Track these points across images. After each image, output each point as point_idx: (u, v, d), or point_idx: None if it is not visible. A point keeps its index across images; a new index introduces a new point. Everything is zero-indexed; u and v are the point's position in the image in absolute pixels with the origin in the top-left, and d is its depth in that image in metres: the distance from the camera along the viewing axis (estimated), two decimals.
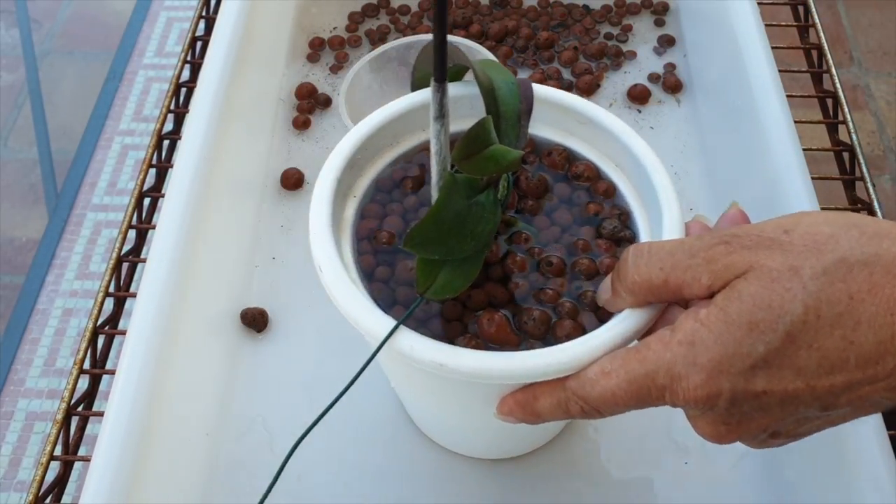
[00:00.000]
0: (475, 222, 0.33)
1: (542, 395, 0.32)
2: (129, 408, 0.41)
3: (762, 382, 0.27)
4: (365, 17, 0.68)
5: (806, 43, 0.65)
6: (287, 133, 0.61)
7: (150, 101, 1.53)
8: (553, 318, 0.34)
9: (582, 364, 0.31)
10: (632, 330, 0.31)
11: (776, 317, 0.26)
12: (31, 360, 1.22)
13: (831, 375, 0.27)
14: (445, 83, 0.32)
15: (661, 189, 0.36)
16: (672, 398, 0.29)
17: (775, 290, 0.27)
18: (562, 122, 0.40)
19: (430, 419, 0.45)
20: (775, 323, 0.26)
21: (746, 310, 0.27)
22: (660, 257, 0.30)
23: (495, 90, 0.37)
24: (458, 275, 0.33)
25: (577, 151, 0.40)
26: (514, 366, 0.31)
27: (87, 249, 1.34)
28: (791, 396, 0.27)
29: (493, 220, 0.34)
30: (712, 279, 0.28)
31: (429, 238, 0.32)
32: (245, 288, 0.52)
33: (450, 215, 0.33)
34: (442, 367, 0.31)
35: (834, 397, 0.27)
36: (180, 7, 1.69)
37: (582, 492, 0.44)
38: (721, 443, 0.30)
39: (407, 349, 0.32)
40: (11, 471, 1.12)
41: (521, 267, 0.36)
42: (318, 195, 0.37)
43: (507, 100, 0.36)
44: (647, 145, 0.37)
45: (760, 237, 0.28)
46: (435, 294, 0.33)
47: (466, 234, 0.33)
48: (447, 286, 0.33)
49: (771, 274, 0.27)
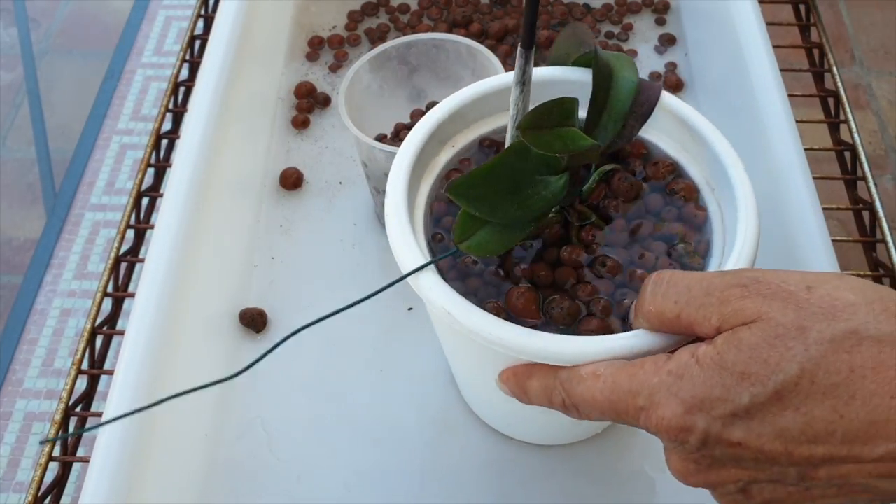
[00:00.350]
0: (530, 195, 0.33)
1: (535, 376, 0.32)
2: (128, 408, 0.41)
3: (739, 433, 0.26)
4: (364, 15, 0.68)
5: (807, 42, 0.65)
6: (286, 132, 0.61)
7: (148, 100, 1.53)
8: (583, 313, 0.34)
9: (576, 360, 0.31)
10: (640, 348, 0.31)
11: (770, 372, 0.26)
12: (29, 360, 1.22)
13: (813, 445, 0.26)
14: (532, 50, 0.33)
15: (741, 236, 0.34)
16: (646, 422, 0.28)
17: (776, 347, 0.26)
18: (679, 135, 0.39)
19: (476, 394, 0.45)
20: (767, 378, 0.26)
21: (742, 360, 0.26)
22: (677, 290, 0.29)
23: (612, 83, 0.36)
24: (497, 238, 0.34)
25: (685, 169, 0.39)
26: (510, 336, 0.32)
27: (86, 249, 1.34)
28: (767, 456, 0.26)
29: (552, 202, 0.34)
30: (721, 321, 0.28)
31: (473, 191, 0.33)
32: (244, 288, 0.52)
33: (503, 176, 0.33)
34: (449, 315, 0.32)
35: (812, 468, 0.26)
36: (179, 6, 1.68)
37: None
38: (688, 482, 0.29)
39: (425, 289, 0.33)
40: (10, 471, 1.12)
41: (577, 257, 0.36)
42: (412, 136, 0.38)
43: (620, 96, 0.36)
44: (752, 188, 0.36)
45: (780, 287, 0.27)
46: (468, 249, 0.34)
47: (515, 202, 0.33)
48: (482, 245, 0.33)
49: (777, 329, 0.26)
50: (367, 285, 0.52)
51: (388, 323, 0.51)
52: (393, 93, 0.55)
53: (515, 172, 0.33)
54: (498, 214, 0.33)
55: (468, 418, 0.47)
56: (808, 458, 0.26)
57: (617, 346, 0.31)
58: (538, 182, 0.34)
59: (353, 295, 0.53)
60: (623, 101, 0.36)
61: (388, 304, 0.51)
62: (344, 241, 0.54)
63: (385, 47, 0.52)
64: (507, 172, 0.33)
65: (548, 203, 0.34)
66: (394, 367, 0.49)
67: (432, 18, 0.67)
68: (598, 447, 0.46)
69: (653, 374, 0.28)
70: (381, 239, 0.55)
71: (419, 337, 0.50)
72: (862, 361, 0.25)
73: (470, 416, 0.47)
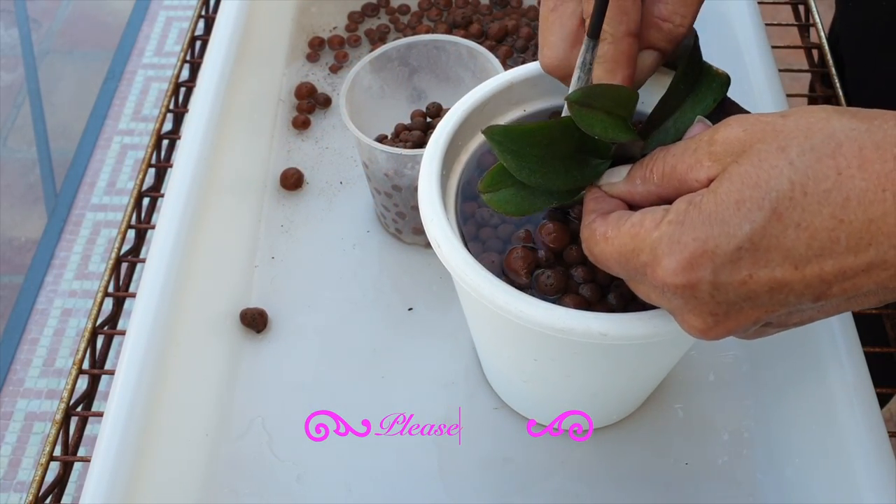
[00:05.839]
0: (558, 170, 0.33)
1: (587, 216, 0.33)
2: (129, 408, 0.41)
3: (747, 266, 0.26)
4: (365, 16, 0.68)
5: (807, 42, 0.65)
6: (287, 133, 0.61)
7: (149, 100, 1.53)
8: (569, 291, 0.35)
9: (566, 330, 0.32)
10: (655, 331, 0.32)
11: (763, 194, 0.26)
12: (31, 360, 1.22)
13: (821, 259, 0.26)
14: (597, 40, 0.33)
15: None
16: (652, 277, 0.28)
17: (762, 168, 0.26)
18: None
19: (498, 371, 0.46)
20: (762, 200, 0.26)
21: (735, 188, 0.26)
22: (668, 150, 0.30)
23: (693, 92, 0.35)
24: (520, 200, 0.34)
25: None
26: (503, 298, 0.33)
27: (87, 249, 1.34)
28: (779, 284, 0.26)
29: (582, 184, 0.34)
30: (712, 160, 0.28)
31: (509, 142, 0.32)
32: (244, 288, 0.52)
33: (542, 142, 0.33)
34: (439, 248, 0.34)
35: (826, 286, 0.26)
36: (179, 6, 1.69)
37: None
38: (708, 337, 0.29)
39: (441, 239, 0.35)
40: (11, 471, 1.12)
41: None
42: (452, 113, 0.39)
43: (696, 108, 0.34)
44: None
45: (758, 119, 0.28)
46: (489, 201, 0.34)
47: (539, 170, 0.33)
48: (504, 201, 0.34)
49: (760, 154, 0.26)
50: (368, 285, 0.53)
51: (388, 323, 0.51)
52: (393, 94, 0.55)
53: (555, 143, 0.33)
54: (524, 174, 0.33)
55: (468, 418, 0.47)
56: (819, 277, 0.26)
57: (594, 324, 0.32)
58: (579, 160, 0.34)
59: (353, 295, 0.53)
60: (696, 114, 0.34)
61: (388, 304, 0.51)
62: (344, 242, 0.55)
63: (386, 49, 0.52)
64: (547, 140, 0.33)
65: (578, 183, 0.34)
66: (394, 368, 0.49)
67: (432, 20, 0.67)
68: (613, 439, 0.46)
69: (653, 228, 0.28)
70: (382, 239, 0.55)
71: (419, 337, 0.50)
72: (847, 162, 0.25)
73: (470, 416, 0.47)
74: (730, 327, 0.29)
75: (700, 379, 0.48)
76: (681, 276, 0.27)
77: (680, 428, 0.46)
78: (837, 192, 0.25)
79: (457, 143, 0.39)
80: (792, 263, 0.26)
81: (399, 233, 0.54)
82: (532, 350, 0.38)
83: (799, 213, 0.26)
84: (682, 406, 0.47)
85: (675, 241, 0.27)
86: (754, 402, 0.47)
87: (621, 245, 0.29)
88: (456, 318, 0.50)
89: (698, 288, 0.27)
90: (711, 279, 0.27)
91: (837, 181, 0.25)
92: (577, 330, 0.32)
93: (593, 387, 0.42)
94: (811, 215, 0.25)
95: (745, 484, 0.44)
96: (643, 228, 0.29)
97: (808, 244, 0.26)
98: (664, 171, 0.30)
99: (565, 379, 0.40)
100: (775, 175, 0.26)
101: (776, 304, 0.27)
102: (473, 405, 0.47)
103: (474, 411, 0.47)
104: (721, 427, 0.46)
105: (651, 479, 0.45)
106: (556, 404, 0.44)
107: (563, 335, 0.32)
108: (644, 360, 0.39)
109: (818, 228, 0.25)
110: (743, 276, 0.26)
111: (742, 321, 0.28)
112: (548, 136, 0.33)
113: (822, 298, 0.27)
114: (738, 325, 0.28)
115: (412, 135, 0.51)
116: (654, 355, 0.39)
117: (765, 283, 0.26)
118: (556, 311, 0.32)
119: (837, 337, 0.43)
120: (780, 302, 0.27)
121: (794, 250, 0.26)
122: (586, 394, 0.42)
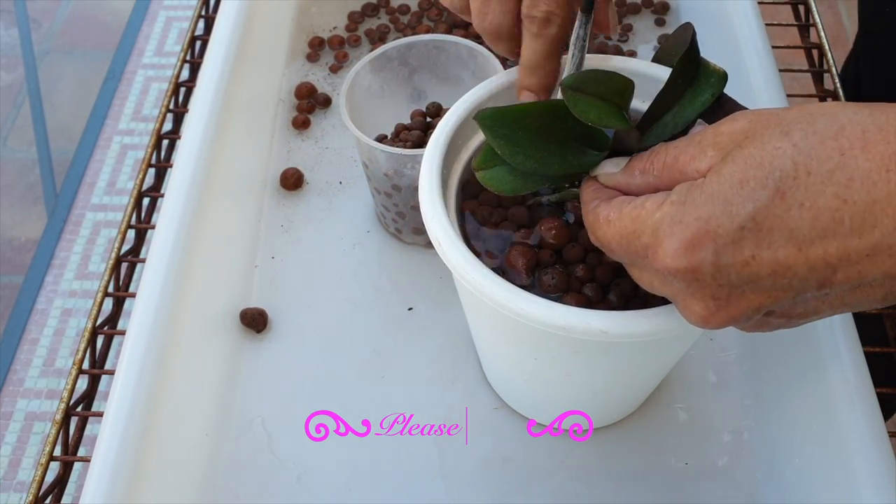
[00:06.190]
0: (554, 154, 0.33)
1: (590, 203, 0.32)
2: (129, 408, 0.41)
3: (750, 246, 0.26)
4: (364, 16, 0.68)
5: (807, 42, 0.65)
6: (287, 133, 0.61)
7: (149, 100, 1.53)
8: (571, 290, 0.35)
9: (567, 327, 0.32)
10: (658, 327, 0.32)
11: (766, 173, 0.26)
12: (31, 360, 1.22)
13: (825, 240, 0.25)
14: (590, 14, 0.33)
15: None
16: (653, 259, 0.28)
17: (765, 150, 0.26)
18: None
19: (498, 370, 0.46)
20: (765, 179, 0.26)
21: (738, 168, 0.26)
22: (678, 141, 0.30)
23: (692, 87, 0.34)
24: (513, 179, 0.34)
25: None
26: (504, 295, 0.33)
27: (86, 249, 1.34)
28: (782, 266, 0.26)
29: (572, 171, 0.34)
30: (716, 150, 0.28)
31: (499, 126, 0.32)
32: (245, 288, 0.52)
33: (534, 122, 0.32)
34: (439, 245, 0.34)
35: (830, 270, 0.26)
36: (179, 6, 1.69)
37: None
38: (710, 324, 0.29)
39: (442, 236, 0.35)
40: (11, 471, 1.12)
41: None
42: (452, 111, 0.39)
43: (695, 103, 0.34)
44: None
45: (763, 112, 0.28)
46: (483, 179, 0.34)
47: (534, 154, 0.33)
48: (497, 179, 0.34)
49: (764, 137, 0.26)
50: (368, 285, 0.53)
51: (388, 323, 0.51)
52: (393, 94, 0.55)
53: (548, 127, 0.33)
54: (518, 159, 0.32)
55: (469, 418, 0.47)
56: (823, 260, 0.26)
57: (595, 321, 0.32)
58: (573, 148, 0.33)
59: (353, 295, 0.53)
60: (695, 109, 0.34)
61: (388, 303, 0.51)
62: (344, 241, 0.55)
63: (385, 48, 0.52)
64: (538, 122, 0.33)
65: (574, 169, 0.33)
66: (394, 368, 0.49)
67: (432, 20, 0.67)
68: (613, 440, 0.46)
69: (655, 209, 0.28)
70: (382, 239, 0.55)
71: (419, 337, 0.50)
72: (850, 143, 0.25)
73: (470, 416, 0.47)
74: (732, 313, 0.28)
75: (700, 379, 0.48)
76: (682, 257, 0.27)
77: (680, 428, 0.46)
78: (841, 172, 0.25)
79: (457, 142, 0.39)
80: (795, 244, 0.26)
81: (399, 233, 0.54)
82: (532, 349, 0.38)
83: (802, 192, 0.25)
84: (683, 406, 0.47)
85: (677, 221, 0.27)
86: (754, 402, 0.47)
87: (623, 227, 0.29)
88: (456, 317, 0.50)
89: (700, 270, 0.27)
90: (713, 260, 0.27)
91: (840, 161, 0.25)
92: (577, 327, 0.32)
93: (594, 386, 0.42)
94: (815, 195, 0.25)
95: (745, 484, 0.44)
96: (645, 210, 0.29)
97: (812, 224, 0.25)
98: (665, 162, 0.30)
99: (565, 378, 0.40)
100: (779, 155, 0.26)
101: (779, 289, 0.27)
102: (473, 405, 0.47)
103: (474, 411, 0.47)
104: (721, 427, 0.46)
105: (651, 479, 0.45)
106: (556, 404, 0.44)
107: (564, 333, 0.32)
108: (644, 358, 0.39)
109: (822, 208, 0.25)
110: (745, 257, 0.26)
111: (744, 307, 0.28)
112: (539, 119, 0.33)
113: (826, 285, 0.26)
114: (740, 311, 0.28)
115: (412, 135, 0.51)
116: (654, 354, 0.39)
117: (768, 264, 0.26)
118: (556, 309, 0.32)
119: (837, 337, 0.43)
120: (783, 286, 0.27)
121: (797, 231, 0.26)
122: (586, 393, 0.42)
